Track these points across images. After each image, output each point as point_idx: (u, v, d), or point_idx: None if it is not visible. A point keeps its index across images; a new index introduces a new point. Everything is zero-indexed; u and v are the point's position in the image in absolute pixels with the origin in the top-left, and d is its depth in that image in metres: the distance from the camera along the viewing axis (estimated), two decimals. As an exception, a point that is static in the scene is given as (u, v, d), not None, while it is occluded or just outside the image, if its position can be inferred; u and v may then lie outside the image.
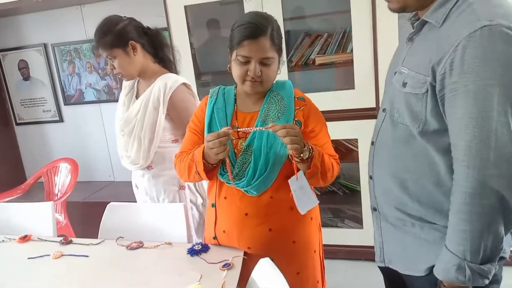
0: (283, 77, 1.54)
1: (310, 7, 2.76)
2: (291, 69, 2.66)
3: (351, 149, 2.74)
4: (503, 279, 1.11)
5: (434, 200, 1.06)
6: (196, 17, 2.80)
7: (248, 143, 1.40)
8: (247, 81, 1.36)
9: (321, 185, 1.42)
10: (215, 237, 1.51)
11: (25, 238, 1.77)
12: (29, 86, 3.86)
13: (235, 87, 1.50)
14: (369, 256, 2.63)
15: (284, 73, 2.52)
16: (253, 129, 1.35)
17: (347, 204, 2.95)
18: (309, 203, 1.37)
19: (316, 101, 1.51)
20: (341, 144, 2.76)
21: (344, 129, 2.53)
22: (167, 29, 2.68)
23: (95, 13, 3.45)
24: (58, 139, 3.95)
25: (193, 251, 1.49)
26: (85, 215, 3.08)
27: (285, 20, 2.49)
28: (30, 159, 4.08)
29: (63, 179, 3.30)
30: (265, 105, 1.43)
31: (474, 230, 0.95)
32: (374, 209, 1.28)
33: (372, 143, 1.26)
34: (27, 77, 3.84)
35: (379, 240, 1.28)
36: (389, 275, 1.31)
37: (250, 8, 2.47)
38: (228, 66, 1.42)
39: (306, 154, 1.28)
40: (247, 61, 1.34)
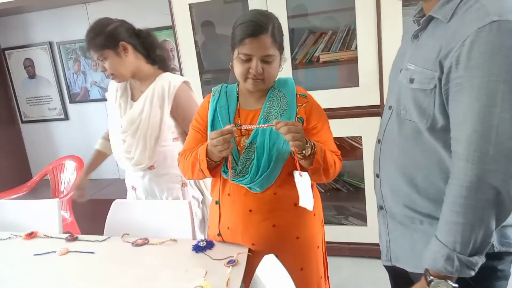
0: (286, 75, 1.55)
1: (314, 4, 2.76)
2: (295, 66, 2.66)
3: (355, 146, 2.74)
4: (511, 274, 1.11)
5: (443, 196, 1.06)
6: (200, 15, 2.81)
7: (251, 140, 1.40)
8: (249, 78, 1.37)
9: (323, 181, 1.43)
10: (219, 234, 1.52)
11: (31, 235, 1.78)
12: (34, 84, 3.89)
13: (237, 85, 1.51)
14: (373, 253, 2.63)
15: (288, 70, 2.53)
16: (256, 126, 1.36)
17: (351, 201, 2.95)
18: (309, 201, 1.38)
19: (320, 99, 1.52)
20: (345, 141, 2.76)
21: (348, 127, 2.53)
22: (171, 27, 2.69)
23: (101, 11, 3.46)
24: (63, 137, 3.97)
25: (198, 248, 1.50)
26: (90, 212, 3.09)
27: (289, 17, 2.49)
28: (35, 156, 4.11)
29: (68, 177, 3.32)
30: (268, 103, 1.44)
31: (466, 223, 0.96)
32: (380, 208, 1.27)
33: (378, 141, 1.26)
34: (32, 75, 3.86)
35: (385, 238, 1.27)
36: (395, 274, 1.30)
37: (254, 6, 2.48)
38: (230, 64, 1.43)
39: (308, 150, 1.29)
40: (248, 59, 1.34)
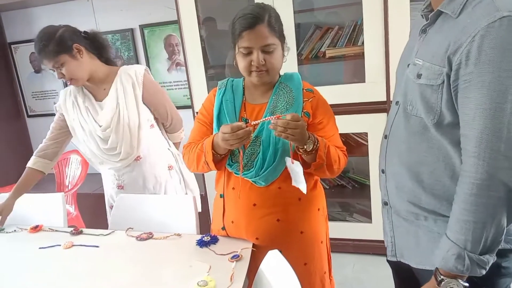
0: (292, 70, 1.54)
1: (320, -1, 2.74)
2: (300, 62, 2.65)
3: (360, 143, 2.72)
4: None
5: (448, 193, 1.05)
6: (206, 10, 2.80)
7: (256, 134, 1.40)
8: (253, 71, 1.37)
9: (328, 176, 1.42)
10: (223, 228, 1.52)
11: (37, 228, 1.79)
12: (40, 78, 3.90)
13: (244, 79, 1.51)
14: (377, 250, 2.63)
15: (293, 66, 2.51)
16: (263, 120, 1.34)
17: (356, 198, 2.93)
18: (302, 184, 1.36)
19: (326, 95, 1.51)
20: (350, 138, 2.75)
21: (354, 123, 2.51)
22: (177, 21, 2.68)
23: (106, 6, 3.47)
24: (69, 131, 3.98)
25: (202, 243, 1.50)
26: (95, 206, 3.11)
27: (295, 12, 2.47)
28: (41, 151, 4.11)
29: (73, 171, 3.33)
30: (274, 97, 1.43)
31: (477, 221, 0.95)
32: (385, 204, 1.27)
33: (385, 137, 1.25)
34: (38, 69, 3.87)
35: (390, 234, 1.27)
36: (399, 269, 1.30)
37: (260, 0, 2.46)
38: (234, 61, 1.43)
39: (310, 146, 1.28)
40: (249, 52, 1.34)
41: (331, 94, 1.69)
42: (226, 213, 1.51)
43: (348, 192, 2.95)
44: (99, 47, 1.93)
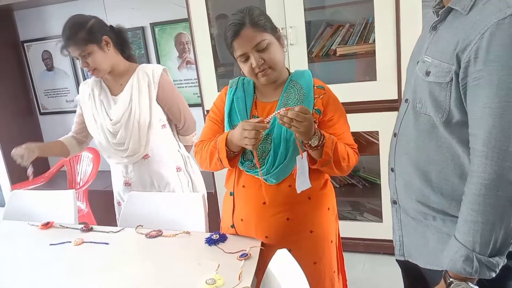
0: (303, 68, 1.53)
1: (332, -4, 2.72)
2: (311, 60, 2.63)
3: (371, 141, 2.70)
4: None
5: (457, 193, 1.03)
6: (216, 7, 2.79)
7: (267, 131, 1.40)
8: (258, 73, 1.37)
9: (336, 174, 1.41)
10: (232, 226, 1.52)
11: (48, 225, 1.81)
12: (52, 76, 3.93)
13: None
14: (388, 249, 2.60)
15: (304, 64, 2.50)
16: (274, 114, 1.32)
17: (366, 197, 2.91)
18: (304, 184, 1.37)
19: (336, 93, 1.50)
20: (361, 136, 2.73)
21: (365, 121, 2.49)
22: (187, 20, 2.68)
23: (117, 4, 3.48)
24: (80, 128, 4.01)
25: (211, 241, 1.50)
26: (106, 203, 3.12)
27: (306, 10, 2.45)
28: (53, 148, 4.15)
29: (85, 168, 3.36)
30: (284, 94, 1.43)
31: (486, 222, 0.93)
32: (394, 202, 1.26)
33: (394, 135, 1.24)
34: (50, 67, 3.91)
35: (398, 233, 1.26)
36: (408, 269, 1.29)
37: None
38: (241, 71, 1.44)
39: (315, 141, 1.27)
40: (246, 58, 1.36)
41: (342, 92, 1.68)
42: (235, 211, 1.51)
43: (358, 191, 2.93)
44: (123, 43, 1.97)
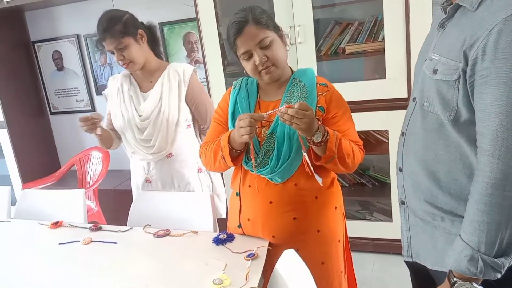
0: (311, 67, 1.52)
1: (340, -6, 2.69)
2: (319, 58, 2.61)
3: (381, 140, 2.68)
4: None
5: (465, 192, 1.02)
6: (224, 7, 2.79)
7: (271, 130, 1.40)
8: (261, 71, 1.37)
9: (342, 171, 1.40)
10: (239, 226, 1.52)
11: (57, 224, 1.82)
12: (62, 76, 3.96)
13: None
14: (397, 249, 2.56)
15: (312, 62, 2.48)
16: (277, 110, 1.31)
17: (376, 196, 2.88)
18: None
19: (345, 91, 1.49)
20: (371, 135, 2.71)
21: (374, 120, 2.47)
22: (195, 19, 2.68)
23: (126, 3, 3.48)
24: (90, 128, 4.04)
25: (218, 240, 1.50)
26: (116, 202, 3.15)
27: (314, 8, 2.43)
28: (63, 147, 4.19)
29: (95, 167, 3.39)
30: (287, 93, 1.42)
31: (492, 221, 0.92)
32: (402, 203, 1.24)
33: (402, 134, 1.23)
34: (61, 67, 3.94)
35: (406, 234, 1.24)
36: (416, 270, 1.28)
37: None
38: (244, 70, 1.44)
39: (318, 137, 1.26)
40: (249, 55, 1.36)
41: (351, 90, 1.67)
42: (242, 211, 1.50)
43: (368, 190, 2.90)
44: (154, 39, 1.99)
